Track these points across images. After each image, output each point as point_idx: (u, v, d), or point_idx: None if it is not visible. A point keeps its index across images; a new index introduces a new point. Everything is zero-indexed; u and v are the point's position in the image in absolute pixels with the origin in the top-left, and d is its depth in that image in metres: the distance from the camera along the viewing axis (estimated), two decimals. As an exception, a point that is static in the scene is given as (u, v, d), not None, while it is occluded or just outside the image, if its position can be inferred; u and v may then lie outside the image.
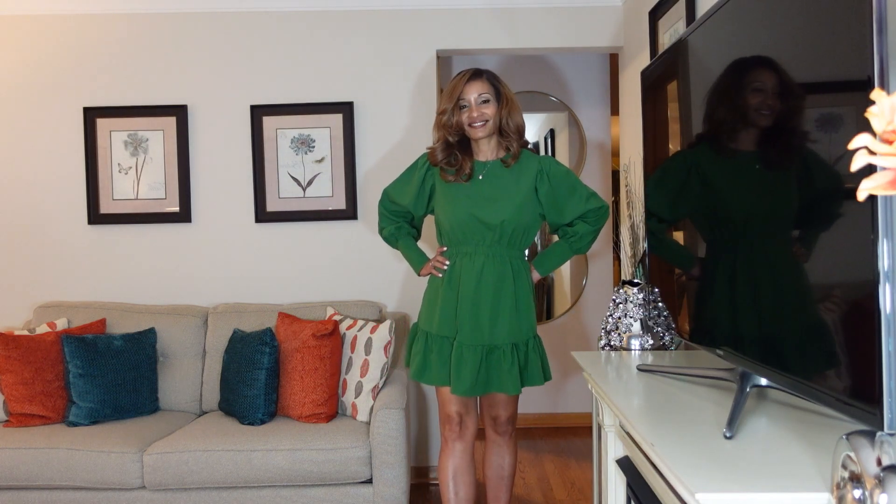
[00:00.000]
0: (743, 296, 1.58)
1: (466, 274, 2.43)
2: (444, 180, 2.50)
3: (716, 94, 1.64)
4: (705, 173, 1.78)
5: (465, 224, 2.44)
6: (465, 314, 2.41)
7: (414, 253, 2.63)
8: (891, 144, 0.72)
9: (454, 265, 2.47)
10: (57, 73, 3.58)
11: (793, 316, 1.37)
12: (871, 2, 1.01)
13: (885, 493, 0.87)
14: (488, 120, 2.41)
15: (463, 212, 2.44)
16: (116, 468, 2.76)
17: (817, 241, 1.29)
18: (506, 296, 2.42)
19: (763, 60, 1.43)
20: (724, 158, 1.67)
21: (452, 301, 2.44)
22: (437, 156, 2.50)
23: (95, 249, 3.60)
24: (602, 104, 4.65)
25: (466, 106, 2.41)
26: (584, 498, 3.41)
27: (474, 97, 2.40)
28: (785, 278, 1.40)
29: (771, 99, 1.42)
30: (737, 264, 1.60)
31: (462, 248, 2.47)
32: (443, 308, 2.46)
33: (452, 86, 2.44)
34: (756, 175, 1.51)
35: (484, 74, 2.44)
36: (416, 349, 2.52)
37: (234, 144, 3.60)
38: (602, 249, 4.65)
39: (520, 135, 2.47)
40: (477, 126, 2.41)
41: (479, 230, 2.43)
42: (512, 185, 2.45)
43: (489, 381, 2.42)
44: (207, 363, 3.31)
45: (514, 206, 2.42)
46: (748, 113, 1.49)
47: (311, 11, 3.58)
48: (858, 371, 1.11)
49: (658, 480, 1.46)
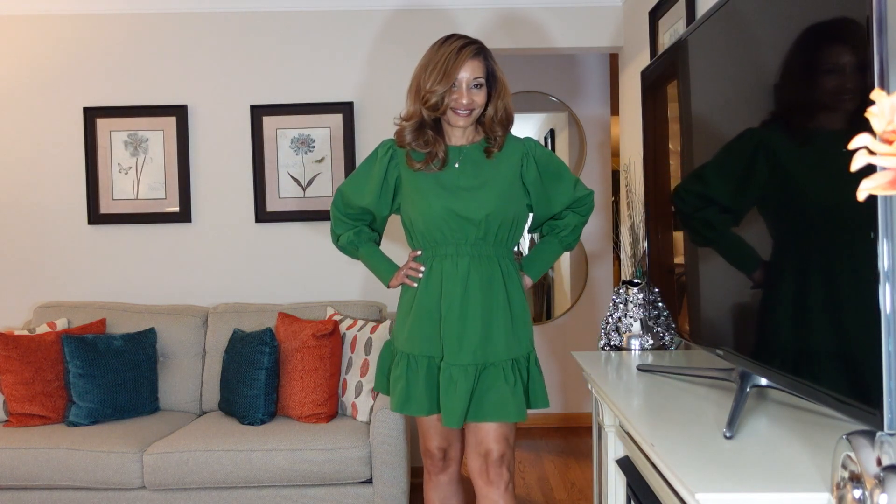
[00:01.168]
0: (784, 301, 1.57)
1: (449, 280, 2.04)
2: (410, 168, 2.10)
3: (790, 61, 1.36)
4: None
5: (443, 221, 2.05)
6: (451, 329, 2.02)
7: (380, 261, 2.24)
8: (891, 144, 0.72)
9: (431, 271, 2.08)
10: (57, 73, 3.58)
11: (796, 317, 1.37)
12: (871, 2, 1.01)
13: (885, 493, 0.87)
14: (475, 109, 2.05)
15: (439, 206, 2.04)
16: (116, 468, 2.76)
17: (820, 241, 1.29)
18: (498, 303, 2.05)
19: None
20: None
21: (434, 314, 2.06)
22: (406, 136, 2.09)
23: (95, 249, 3.60)
24: (602, 104, 4.65)
25: (455, 87, 2.02)
26: (584, 498, 3.41)
27: (467, 79, 2.01)
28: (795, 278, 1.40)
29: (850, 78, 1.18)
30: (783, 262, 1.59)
31: (440, 251, 2.07)
32: (422, 323, 2.06)
33: (445, 58, 2.01)
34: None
35: (482, 53, 2.06)
36: (397, 375, 2.08)
37: (234, 144, 3.60)
38: (602, 249, 4.65)
39: (510, 123, 2.13)
40: (462, 114, 2.04)
41: (459, 227, 2.05)
42: (493, 171, 2.09)
43: (483, 407, 2.00)
44: (207, 363, 3.31)
45: (499, 196, 2.06)
46: (829, 89, 1.23)
47: (311, 12, 3.58)
48: (859, 371, 1.11)
49: (658, 480, 1.46)
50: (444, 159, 2.08)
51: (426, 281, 2.08)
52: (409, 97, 2.10)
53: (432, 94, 2.01)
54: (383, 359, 2.22)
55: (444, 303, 2.04)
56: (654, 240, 2.29)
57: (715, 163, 1.71)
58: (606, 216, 4.62)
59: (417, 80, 2.07)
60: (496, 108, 2.08)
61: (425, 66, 2.05)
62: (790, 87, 1.36)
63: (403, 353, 2.09)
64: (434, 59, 2.03)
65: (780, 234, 1.42)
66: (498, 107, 2.08)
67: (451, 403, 1.98)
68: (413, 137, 2.08)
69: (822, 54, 1.23)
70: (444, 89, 2.00)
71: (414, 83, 2.09)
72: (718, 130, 1.70)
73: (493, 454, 2.04)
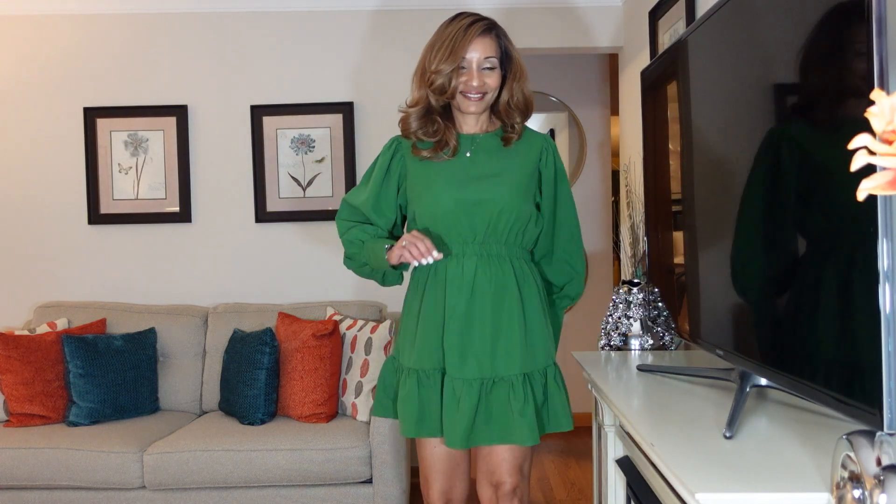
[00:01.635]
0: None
1: (454, 284, 1.82)
2: (416, 157, 1.89)
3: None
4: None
5: (450, 214, 1.82)
6: (453, 337, 1.80)
7: (377, 241, 1.89)
8: (890, 144, 0.72)
9: (436, 273, 1.85)
10: (57, 73, 3.58)
11: (794, 316, 1.37)
12: (871, 2, 1.01)
13: (885, 493, 0.87)
14: (487, 92, 1.84)
15: (447, 198, 1.83)
16: (116, 468, 2.76)
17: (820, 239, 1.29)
18: (510, 310, 1.82)
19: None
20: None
21: (437, 321, 1.83)
22: (411, 123, 1.89)
23: (95, 249, 3.60)
24: (602, 104, 4.65)
25: (465, 68, 1.82)
26: (584, 498, 3.41)
27: (477, 59, 1.80)
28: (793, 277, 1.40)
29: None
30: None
31: (444, 249, 1.84)
32: (428, 334, 1.84)
33: (452, 36, 1.81)
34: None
35: (494, 30, 1.84)
36: (405, 394, 1.84)
37: (234, 144, 3.60)
38: (602, 249, 4.65)
39: (528, 110, 1.91)
40: (473, 98, 1.83)
41: (467, 223, 1.82)
42: (510, 161, 1.88)
43: (488, 429, 1.79)
44: (207, 363, 3.31)
45: (515, 187, 1.85)
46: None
47: (311, 11, 3.59)
48: (858, 371, 1.11)
49: (658, 480, 1.46)
50: (456, 147, 1.87)
51: (432, 286, 1.86)
52: (415, 81, 1.90)
53: (438, 74, 1.81)
54: (386, 378, 1.96)
55: (446, 310, 1.82)
56: (654, 240, 2.29)
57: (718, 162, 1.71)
58: (606, 216, 4.62)
59: (423, 61, 1.87)
60: (511, 91, 1.87)
61: (431, 46, 1.85)
62: (790, 86, 1.36)
63: (412, 369, 1.85)
64: (441, 37, 1.84)
65: (781, 234, 1.42)
66: (514, 91, 1.87)
67: (453, 421, 1.77)
68: (420, 125, 1.88)
69: (823, 53, 1.23)
70: (451, 69, 1.79)
71: (420, 65, 1.89)
72: (718, 131, 1.70)
73: (505, 486, 1.85)
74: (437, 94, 1.84)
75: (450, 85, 1.81)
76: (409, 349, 1.87)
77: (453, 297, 1.82)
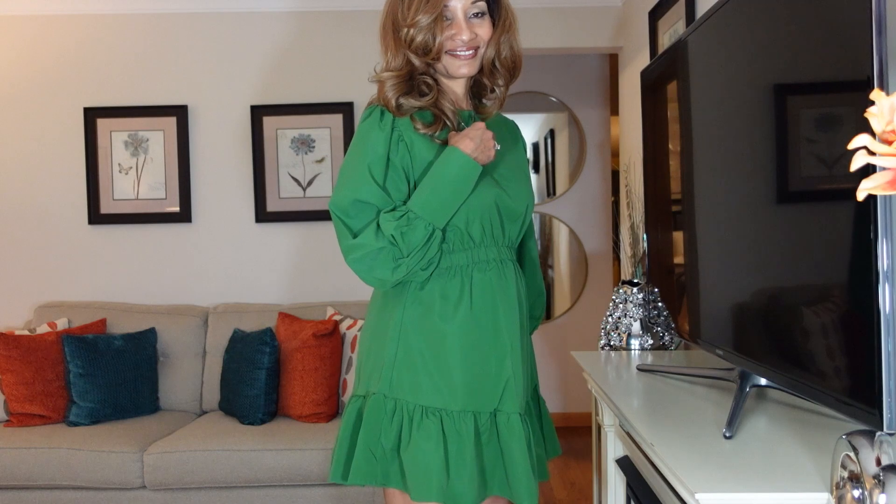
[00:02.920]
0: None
1: (501, 297, 1.49)
2: (426, 138, 1.48)
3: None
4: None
5: (492, 215, 1.49)
6: (516, 364, 1.49)
7: (436, 180, 1.43)
8: (890, 144, 0.72)
9: (472, 284, 1.48)
10: (57, 73, 3.58)
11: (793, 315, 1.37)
12: (870, 2, 1.01)
13: (885, 493, 0.87)
14: (479, 46, 1.49)
15: (487, 195, 1.48)
16: (117, 468, 2.76)
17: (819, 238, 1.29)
18: (525, 326, 1.58)
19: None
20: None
21: (489, 344, 1.48)
22: (388, 92, 1.48)
23: (96, 249, 3.60)
24: (602, 104, 4.65)
25: (449, 19, 1.47)
26: (584, 498, 3.41)
27: (463, 6, 1.46)
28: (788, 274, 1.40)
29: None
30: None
31: (475, 254, 1.49)
32: (470, 361, 1.46)
33: None
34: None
35: None
36: (421, 447, 1.42)
37: (234, 144, 3.60)
38: (602, 249, 4.65)
39: (516, 70, 1.57)
40: (464, 56, 1.48)
41: (500, 224, 1.51)
42: (516, 148, 1.63)
43: (499, 475, 1.47)
44: (207, 363, 3.31)
45: (529, 180, 1.61)
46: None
47: (311, 12, 3.59)
48: (858, 371, 1.11)
49: (658, 480, 1.46)
50: (455, 121, 1.51)
51: (465, 299, 1.47)
52: (387, 43, 1.52)
53: (416, 28, 1.44)
54: (370, 428, 1.47)
55: (504, 331, 1.49)
56: (653, 240, 2.29)
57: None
58: (606, 216, 4.62)
59: (392, 13, 1.49)
60: (498, 46, 1.52)
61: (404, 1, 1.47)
62: (790, 86, 1.37)
63: (433, 409, 1.44)
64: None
65: (781, 233, 1.42)
66: (501, 45, 1.52)
67: (527, 472, 1.44)
68: (405, 88, 1.49)
69: (823, 53, 1.24)
70: (431, 19, 1.43)
71: (387, 20, 1.51)
72: (718, 130, 1.70)
73: None
74: (422, 55, 1.47)
75: (434, 41, 1.45)
76: (432, 383, 1.45)
77: (506, 313, 1.49)
